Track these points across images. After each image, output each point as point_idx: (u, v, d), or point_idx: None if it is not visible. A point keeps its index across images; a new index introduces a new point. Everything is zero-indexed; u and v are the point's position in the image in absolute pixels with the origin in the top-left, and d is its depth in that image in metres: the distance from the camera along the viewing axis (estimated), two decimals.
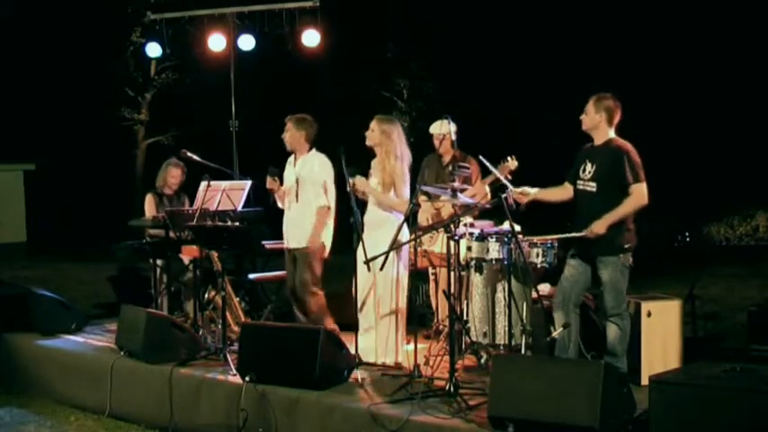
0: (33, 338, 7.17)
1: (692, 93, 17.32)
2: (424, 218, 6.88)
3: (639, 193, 5.23)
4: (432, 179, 6.82)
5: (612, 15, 18.05)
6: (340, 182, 6.28)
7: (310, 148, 6.65)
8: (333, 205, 6.54)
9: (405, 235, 5.90)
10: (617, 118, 5.40)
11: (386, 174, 6.02)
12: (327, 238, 6.59)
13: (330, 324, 6.40)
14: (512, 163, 6.26)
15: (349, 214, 5.89)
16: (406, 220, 5.80)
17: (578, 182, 5.48)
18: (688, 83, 17.40)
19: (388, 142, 6.06)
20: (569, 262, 5.50)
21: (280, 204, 6.81)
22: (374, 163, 6.19)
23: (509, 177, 6.03)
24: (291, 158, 6.74)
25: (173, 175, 7.81)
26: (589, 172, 5.40)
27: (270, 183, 6.65)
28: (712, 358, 5.50)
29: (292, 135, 6.61)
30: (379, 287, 5.96)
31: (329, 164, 6.55)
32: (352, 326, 5.98)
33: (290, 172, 6.70)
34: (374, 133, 6.09)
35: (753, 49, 16.99)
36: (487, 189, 6.58)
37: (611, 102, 5.38)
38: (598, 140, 5.43)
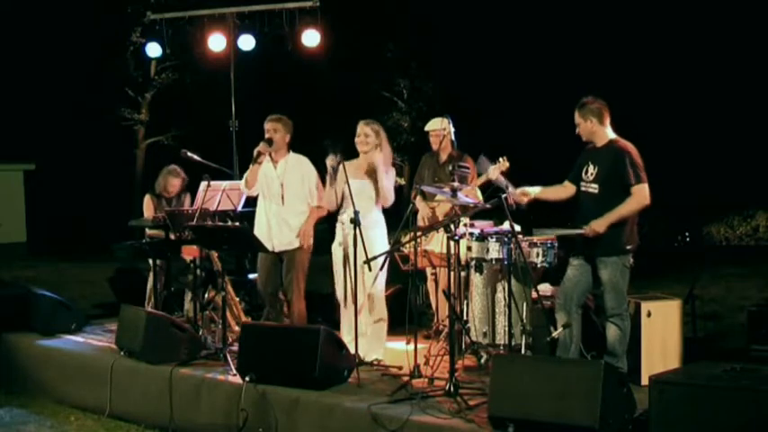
0: (33, 338, 7.16)
1: (692, 93, 17.35)
2: (419, 217, 6.86)
3: (641, 194, 5.22)
4: (429, 178, 6.80)
5: (613, 15, 18.07)
6: None
7: (288, 150, 6.57)
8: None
9: (384, 237, 6.08)
10: (607, 117, 5.39)
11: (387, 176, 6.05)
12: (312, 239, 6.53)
13: None
14: (503, 164, 6.23)
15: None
16: (406, 219, 5.80)
17: (581, 184, 5.47)
18: (688, 83, 17.44)
19: (385, 144, 6.10)
20: (571, 262, 5.49)
21: (246, 186, 6.56)
22: (362, 165, 6.09)
23: (500, 178, 6.01)
24: (268, 158, 6.51)
25: (172, 184, 7.73)
26: (591, 174, 5.39)
27: (263, 147, 6.36)
28: (712, 358, 5.50)
29: (282, 137, 6.47)
30: (374, 289, 5.99)
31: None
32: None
33: (270, 173, 6.50)
34: (370, 137, 6.05)
35: (752, 49, 17.01)
36: (478, 192, 6.50)
37: (594, 104, 5.36)
38: (599, 143, 5.42)
